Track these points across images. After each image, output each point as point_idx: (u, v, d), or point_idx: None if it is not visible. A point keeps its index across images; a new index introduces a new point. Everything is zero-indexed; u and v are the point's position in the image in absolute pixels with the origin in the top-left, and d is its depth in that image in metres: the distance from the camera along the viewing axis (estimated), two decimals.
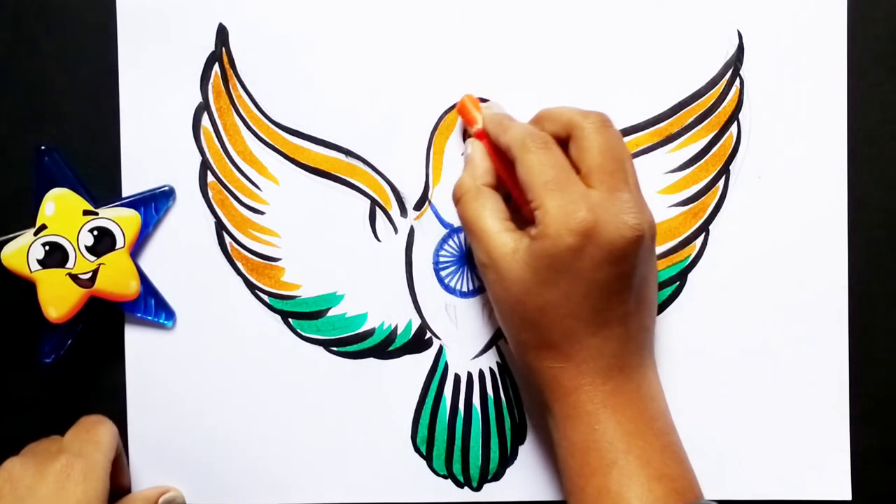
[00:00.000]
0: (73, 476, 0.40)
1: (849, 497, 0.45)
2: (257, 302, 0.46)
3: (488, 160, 0.42)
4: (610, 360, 0.38)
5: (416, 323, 0.46)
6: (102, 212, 0.45)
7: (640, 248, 0.38)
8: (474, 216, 0.40)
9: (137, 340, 0.46)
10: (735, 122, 0.45)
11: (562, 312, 0.38)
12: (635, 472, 0.37)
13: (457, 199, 0.41)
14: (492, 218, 0.40)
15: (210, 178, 0.46)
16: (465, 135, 0.45)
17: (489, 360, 0.46)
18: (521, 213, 0.41)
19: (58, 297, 0.44)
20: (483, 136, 0.43)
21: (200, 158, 0.46)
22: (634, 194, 0.39)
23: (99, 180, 0.46)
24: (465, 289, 0.46)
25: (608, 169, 0.38)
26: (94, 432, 0.43)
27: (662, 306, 0.45)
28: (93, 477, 0.41)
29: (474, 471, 0.46)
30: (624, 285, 0.38)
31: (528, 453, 0.46)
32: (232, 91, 0.46)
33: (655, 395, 0.40)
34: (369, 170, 0.46)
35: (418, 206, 0.46)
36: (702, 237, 0.45)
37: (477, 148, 0.43)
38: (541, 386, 0.39)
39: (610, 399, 0.38)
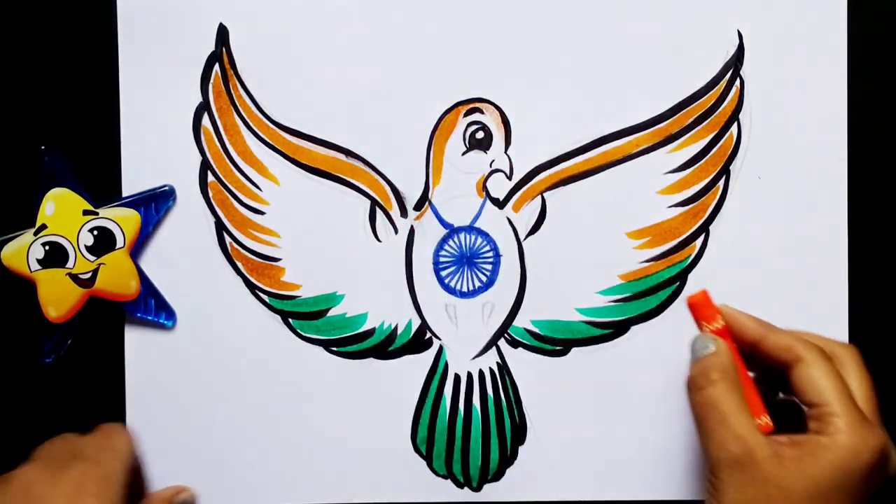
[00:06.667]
0: (88, 486, 0.39)
1: None
2: (257, 302, 0.46)
3: (733, 358, 0.38)
4: None
5: (416, 323, 0.46)
6: (102, 212, 0.45)
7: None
8: (732, 405, 0.36)
9: (137, 340, 0.46)
10: (735, 122, 0.45)
11: None
12: None
13: (708, 381, 0.37)
14: (746, 414, 0.36)
15: (210, 178, 0.46)
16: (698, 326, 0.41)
17: (489, 360, 0.46)
18: None
19: (58, 297, 0.44)
20: (725, 335, 0.39)
21: (200, 158, 0.46)
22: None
23: (99, 180, 0.46)
24: (465, 289, 0.46)
25: (873, 404, 0.37)
26: (113, 440, 0.42)
27: (662, 306, 0.45)
28: (110, 487, 0.40)
29: (474, 471, 0.46)
30: None
31: (528, 453, 0.46)
32: (232, 91, 0.46)
33: None
34: (369, 170, 0.46)
35: (418, 206, 0.46)
36: (702, 237, 0.45)
37: (721, 343, 0.38)
38: None
39: None
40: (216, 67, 0.46)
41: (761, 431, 0.36)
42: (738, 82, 0.45)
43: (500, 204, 0.46)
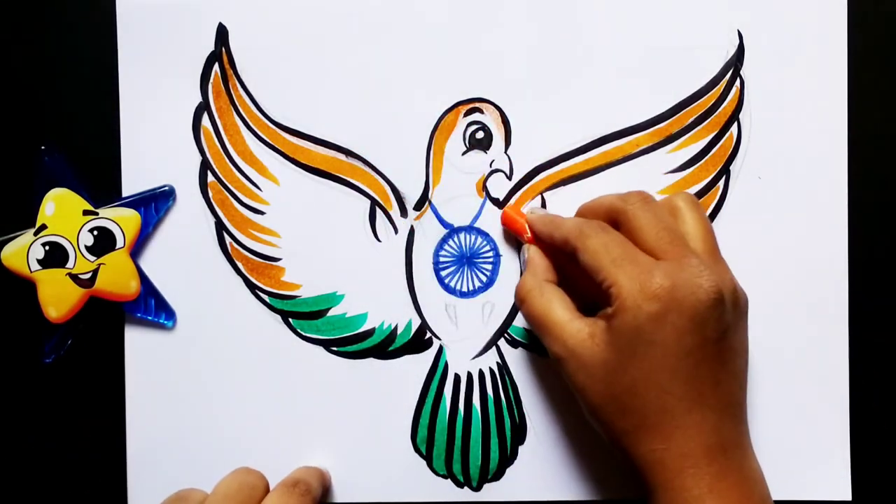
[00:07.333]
0: None
1: (849, 497, 0.45)
2: (257, 302, 0.46)
3: (546, 259, 0.43)
4: (710, 438, 0.37)
5: (416, 323, 0.46)
6: (102, 212, 0.45)
7: (721, 312, 0.37)
8: (543, 310, 0.40)
9: (137, 340, 0.46)
10: (735, 122, 0.45)
11: (653, 388, 0.36)
12: None
13: (522, 299, 0.41)
14: (561, 309, 0.39)
15: (210, 178, 0.46)
16: (517, 244, 0.45)
17: (489, 360, 0.46)
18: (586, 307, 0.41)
19: (58, 297, 0.44)
20: (534, 241, 0.43)
21: (200, 158, 0.46)
22: (704, 259, 0.38)
23: (99, 180, 0.46)
24: (465, 289, 0.46)
25: (666, 240, 0.38)
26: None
27: None
28: None
29: (474, 471, 0.46)
30: (710, 353, 0.37)
31: (528, 453, 0.46)
32: (232, 91, 0.46)
33: (758, 477, 0.38)
34: (369, 170, 0.46)
35: (418, 206, 0.46)
36: None
37: (533, 250, 0.43)
38: (643, 472, 0.38)
39: (716, 483, 0.36)
40: (216, 67, 0.46)
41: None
42: (738, 82, 0.45)
43: (500, 204, 0.46)
